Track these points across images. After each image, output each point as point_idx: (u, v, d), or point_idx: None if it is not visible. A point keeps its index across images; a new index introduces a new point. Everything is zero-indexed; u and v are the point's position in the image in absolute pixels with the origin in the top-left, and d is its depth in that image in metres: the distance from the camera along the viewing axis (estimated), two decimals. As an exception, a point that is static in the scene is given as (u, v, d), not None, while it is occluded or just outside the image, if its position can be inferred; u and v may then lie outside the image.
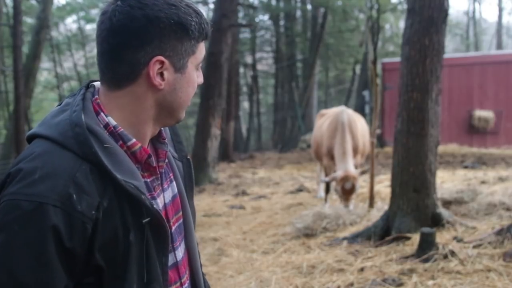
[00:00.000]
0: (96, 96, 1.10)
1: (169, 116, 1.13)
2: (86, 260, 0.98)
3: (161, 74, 1.06)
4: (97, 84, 1.13)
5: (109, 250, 0.99)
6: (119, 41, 1.03)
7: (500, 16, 30.69)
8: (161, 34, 1.03)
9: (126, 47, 1.03)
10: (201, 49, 1.12)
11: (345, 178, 6.12)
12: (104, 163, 0.99)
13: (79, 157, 0.98)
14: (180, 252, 1.20)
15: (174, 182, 1.23)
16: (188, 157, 1.31)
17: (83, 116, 1.02)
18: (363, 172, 6.49)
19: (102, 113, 1.07)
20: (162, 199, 1.16)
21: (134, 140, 1.08)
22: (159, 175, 1.16)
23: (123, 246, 1.00)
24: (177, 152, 1.28)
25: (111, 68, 1.06)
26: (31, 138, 1.05)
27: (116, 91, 1.07)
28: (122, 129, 1.07)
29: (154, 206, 1.05)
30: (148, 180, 1.13)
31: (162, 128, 1.20)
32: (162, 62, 1.05)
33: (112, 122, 1.07)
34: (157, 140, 1.19)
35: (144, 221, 1.03)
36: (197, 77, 1.14)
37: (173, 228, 1.18)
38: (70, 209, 0.94)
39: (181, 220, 1.23)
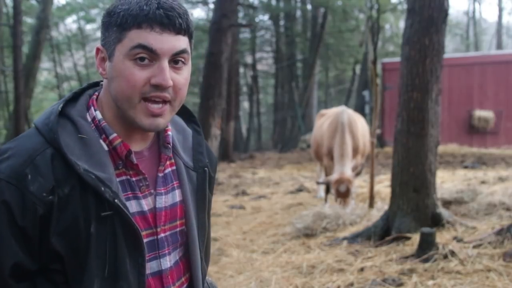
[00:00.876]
0: (96, 93, 1.14)
1: (122, 112, 1.08)
2: (43, 243, 1.00)
3: (105, 64, 1.09)
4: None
5: (69, 238, 1.00)
6: None
7: (500, 16, 30.71)
8: (101, 25, 1.10)
9: None
10: (132, 38, 1.02)
11: (339, 181, 6.11)
12: (63, 150, 1.01)
13: (46, 142, 1.02)
14: (167, 261, 1.16)
15: (177, 191, 1.19)
16: (206, 168, 1.25)
17: (61, 106, 1.07)
18: (357, 174, 6.45)
19: (92, 108, 1.11)
20: (150, 202, 1.13)
21: (115, 134, 1.09)
22: (147, 176, 1.12)
23: (84, 236, 1.01)
24: (194, 162, 1.23)
25: None
26: None
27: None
28: (105, 123, 1.09)
29: (116, 200, 1.02)
30: (133, 179, 1.11)
31: (171, 134, 1.18)
32: (101, 51, 1.09)
33: (98, 116, 1.10)
34: (162, 144, 1.18)
35: (103, 214, 1.02)
36: (150, 74, 1.03)
37: (161, 235, 1.14)
38: (22, 188, 0.98)
39: (177, 230, 1.18)
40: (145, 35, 1.02)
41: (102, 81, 1.17)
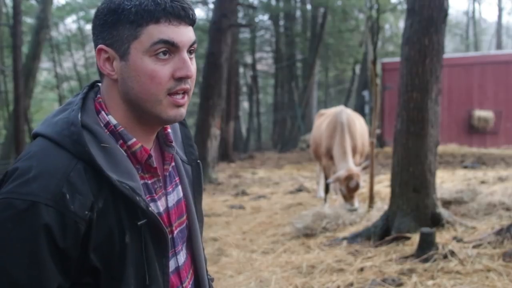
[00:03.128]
0: (99, 95, 1.09)
1: (141, 111, 1.06)
2: (81, 260, 0.97)
3: (113, 64, 1.05)
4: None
5: (105, 251, 0.98)
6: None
7: (499, 16, 30.72)
8: (100, 24, 1.04)
9: (94, 43, 1.08)
10: (151, 33, 1.00)
11: (350, 177, 6.11)
12: (97, 163, 0.97)
13: (74, 156, 0.97)
14: (182, 257, 1.18)
15: (179, 187, 1.20)
16: (198, 161, 1.27)
17: (79, 115, 1.01)
18: (364, 168, 6.46)
19: (103, 112, 1.06)
20: (164, 202, 1.14)
21: (134, 139, 1.06)
22: (160, 177, 1.13)
23: (119, 247, 0.99)
24: (187, 155, 1.24)
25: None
26: (35, 137, 1.04)
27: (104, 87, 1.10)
28: (122, 128, 1.05)
29: (150, 208, 1.02)
30: (149, 181, 1.10)
31: (171, 131, 1.18)
32: (106, 51, 1.04)
33: (113, 121, 1.06)
34: (164, 142, 1.17)
35: (139, 223, 1.01)
36: (173, 67, 1.03)
37: (175, 232, 1.16)
38: (63, 208, 0.93)
39: (184, 225, 1.20)
40: (164, 29, 1.00)
41: (97, 82, 1.14)
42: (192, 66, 1.06)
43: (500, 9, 31.47)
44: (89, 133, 1.01)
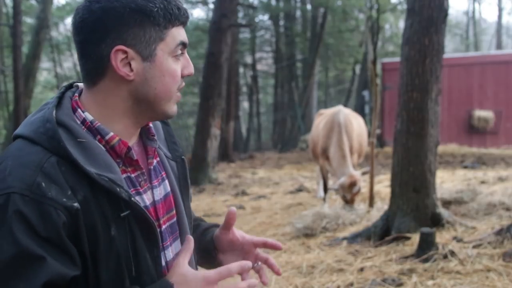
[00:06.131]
0: (76, 95, 1.11)
1: (150, 109, 1.10)
2: (72, 252, 0.95)
3: (130, 65, 1.04)
4: (81, 84, 1.13)
5: (93, 246, 0.98)
6: (82, 37, 1.04)
7: (499, 16, 30.75)
8: (118, 24, 1.01)
9: (88, 42, 1.03)
10: (174, 36, 1.07)
11: (353, 184, 6.14)
12: (73, 157, 0.98)
13: (48, 151, 0.98)
14: (170, 252, 1.17)
15: (166, 181, 1.21)
16: (183, 157, 1.29)
17: (54, 112, 1.03)
18: (364, 173, 6.48)
19: (79, 110, 1.07)
20: (150, 196, 1.14)
21: (111, 133, 1.07)
22: (144, 170, 1.13)
23: (106, 241, 0.99)
24: (171, 152, 1.26)
25: (82, 66, 1.07)
26: (14, 139, 1.05)
27: (92, 88, 1.08)
28: (99, 124, 1.06)
29: (133, 199, 1.02)
30: (133, 175, 1.11)
31: (152, 126, 1.20)
32: (125, 52, 1.03)
33: (89, 117, 1.07)
34: (146, 136, 1.18)
35: (122, 214, 1.01)
36: (181, 66, 1.10)
37: (163, 227, 1.16)
38: (39, 197, 0.93)
39: (174, 220, 1.21)
40: (181, 32, 1.09)
41: (75, 82, 1.15)
42: None
43: (500, 9, 31.53)
44: (65, 129, 1.02)
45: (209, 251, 1.33)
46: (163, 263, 1.14)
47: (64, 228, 0.94)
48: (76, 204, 0.95)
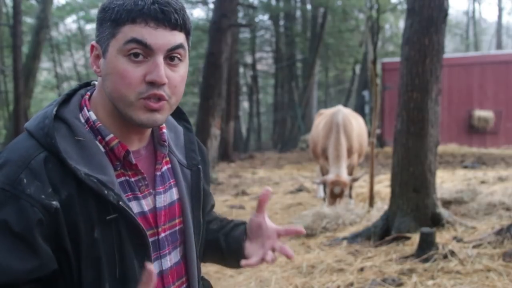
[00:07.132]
0: (88, 93, 1.12)
1: (118, 110, 1.05)
2: (45, 251, 0.95)
3: (99, 62, 1.07)
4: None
5: (73, 242, 0.97)
6: None
7: (499, 16, 30.74)
8: (96, 22, 1.06)
9: None
10: (126, 32, 1.00)
11: (335, 183, 6.14)
12: (62, 155, 0.98)
13: (41, 146, 0.99)
14: (168, 261, 1.15)
15: (174, 189, 1.18)
16: (199, 166, 1.24)
17: (55, 109, 1.04)
18: (354, 180, 6.45)
19: (85, 108, 1.08)
20: (150, 202, 1.12)
21: (111, 135, 1.06)
22: (145, 175, 1.11)
23: (88, 243, 0.98)
24: (187, 159, 1.22)
25: None
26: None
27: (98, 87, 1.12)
28: (100, 124, 1.07)
29: (121, 203, 1.00)
30: (132, 179, 1.09)
31: (166, 131, 1.18)
32: (96, 48, 1.06)
33: (92, 117, 1.07)
34: (158, 142, 1.17)
35: (108, 217, 1.00)
36: (145, 71, 1.01)
37: (162, 234, 1.13)
38: (19, 192, 0.94)
39: (176, 228, 1.17)
40: (139, 29, 1.00)
41: (93, 81, 1.16)
42: (174, 72, 1.04)
43: (500, 9, 31.52)
44: (66, 126, 1.04)
45: (239, 241, 1.29)
46: (158, 270, 1.12)
47: (39, 225, 0.94)
48: (55, 203, 0.95)
